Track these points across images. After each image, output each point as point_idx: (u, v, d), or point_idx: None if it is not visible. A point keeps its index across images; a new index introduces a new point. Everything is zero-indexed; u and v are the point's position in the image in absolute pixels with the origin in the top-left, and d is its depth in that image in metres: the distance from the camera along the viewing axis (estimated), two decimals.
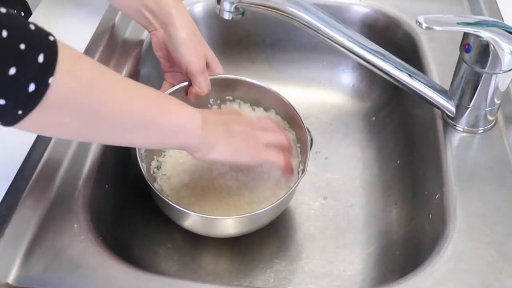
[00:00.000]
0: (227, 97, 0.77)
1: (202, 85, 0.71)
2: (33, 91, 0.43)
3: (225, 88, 0.76)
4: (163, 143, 0.58)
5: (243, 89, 0.75)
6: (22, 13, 0.89)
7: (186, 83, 0.72)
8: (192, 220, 0.65)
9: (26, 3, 0.92)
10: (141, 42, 0.82)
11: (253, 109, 0.77)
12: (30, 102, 0.43)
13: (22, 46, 0.41)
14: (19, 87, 0.42)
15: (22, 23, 0.43)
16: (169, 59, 0.74)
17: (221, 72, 0.74)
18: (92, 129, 0.50)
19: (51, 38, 0.44)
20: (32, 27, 0.43)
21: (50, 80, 0.43)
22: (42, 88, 0.43)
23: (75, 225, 0.58)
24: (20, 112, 0.43)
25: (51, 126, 0.48)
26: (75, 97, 0.46)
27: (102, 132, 0.51)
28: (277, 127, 0.67)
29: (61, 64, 0.44)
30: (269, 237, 0.73)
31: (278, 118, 0.75)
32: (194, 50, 0.70)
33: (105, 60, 0.77)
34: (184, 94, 0.73)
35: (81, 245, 0.57)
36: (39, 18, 0.84)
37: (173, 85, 0.73)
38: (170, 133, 0.55)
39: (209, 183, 0.70)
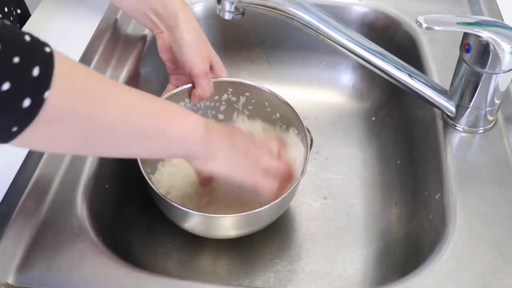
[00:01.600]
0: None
1: (205, 87, 0.70)
2: (28, 107, 0.40)
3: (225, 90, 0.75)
4: (166, 152, 0.57)
5: (241, 91, 0.75)
6: (19, 11, 0.88)
7: (190, 85, 0.71)
8: (192, 220, 0.65)
9: (23, 1, 0.92)
10: (141, 42, 0.82)
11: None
12: (26, 118, 0.41)
13: (16, 60, 0.39)
14: (14, 103, 0.40)
15: (16, 34, 0.40)
16: (174, 61, 0.73)
17: (225, 75, 0.73)
18: (92, 143, 0.49)
19: (47, 49, 0.42)
20: (27, 38, 0.41)
21: (46, 94, 0.41)
22: (38, 103, 0.41)
23: (75, 225, 0.58)
24: (15, 129, 0.41)
25: (48, 142, 0.46)
26: (73, 110, 0.44)
27: (102, 145, 0.50)
28: (282, 152, 0.65)
29: (58, 76, 0.42)
30: (269, 237, 0.73)
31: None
32: (198, 52, 0.69)
33: (105, 60, 0.77)
34: (188, 96, 0.72)
35: (81, 245, 0.57)
36: (39, 18, 0.84)
37: (177, 87, 0.72)
38: (173, 142, 0.54)
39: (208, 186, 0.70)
